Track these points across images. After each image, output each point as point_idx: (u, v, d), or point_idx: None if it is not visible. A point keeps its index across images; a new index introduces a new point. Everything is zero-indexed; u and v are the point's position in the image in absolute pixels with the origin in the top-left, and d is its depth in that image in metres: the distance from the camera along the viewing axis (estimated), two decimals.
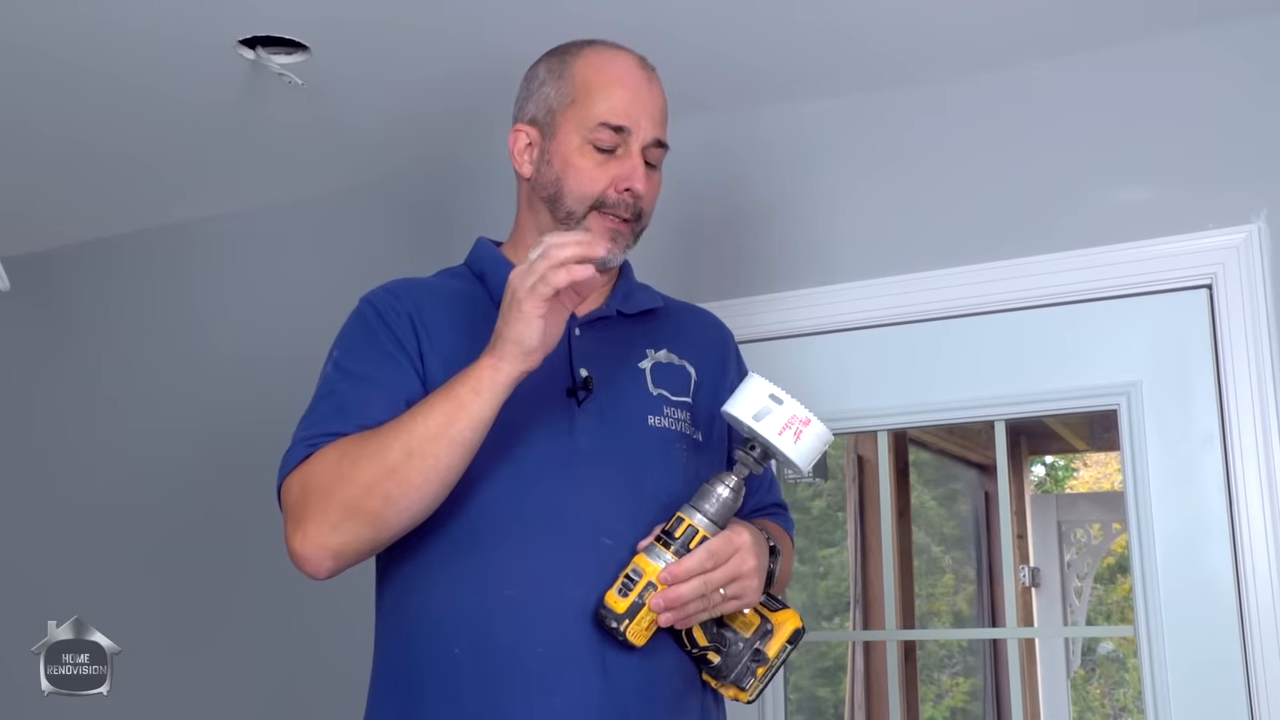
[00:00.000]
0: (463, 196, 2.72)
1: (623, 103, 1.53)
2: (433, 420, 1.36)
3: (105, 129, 2.58)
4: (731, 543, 1.38)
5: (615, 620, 1.36)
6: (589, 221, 1.53)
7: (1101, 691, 7.14)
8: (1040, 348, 2.24)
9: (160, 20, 2.13)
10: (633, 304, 1.61)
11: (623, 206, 1.53)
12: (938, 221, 2.33)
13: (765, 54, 2.29)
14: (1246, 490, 2.05)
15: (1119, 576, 6.40)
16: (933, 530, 5.70)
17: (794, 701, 5.01)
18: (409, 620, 1.46)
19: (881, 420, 2.41)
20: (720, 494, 1.39)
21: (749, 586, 1.40)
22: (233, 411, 2.89)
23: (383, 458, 1.36)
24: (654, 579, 1.35)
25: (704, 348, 1.66)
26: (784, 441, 1.35)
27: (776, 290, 2.42)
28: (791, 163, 2.47)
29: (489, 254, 1.62)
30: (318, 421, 1.45)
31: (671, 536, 1.37)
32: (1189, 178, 2.15)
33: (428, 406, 1.38)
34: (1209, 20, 2.14)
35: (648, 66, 1.58)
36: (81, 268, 3.23)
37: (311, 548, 1.38)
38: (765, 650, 1.46)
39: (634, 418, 1.51)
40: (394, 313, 1.52)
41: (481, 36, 2.17)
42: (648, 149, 1.54)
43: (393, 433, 1.38)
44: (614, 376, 1.53)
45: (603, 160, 1.53)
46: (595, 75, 1.55)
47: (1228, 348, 2.09)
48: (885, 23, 2.17)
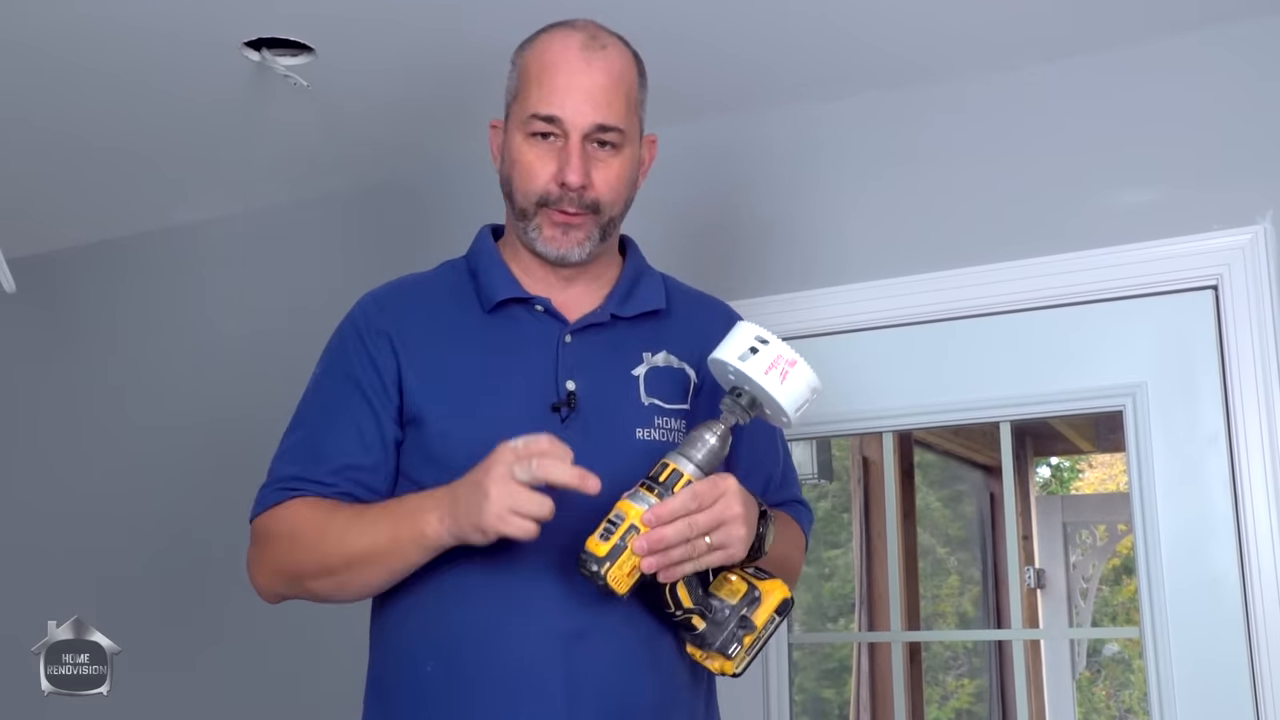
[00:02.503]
0: (465, 197, 2.71)
1: (556, 90, 1.45)
2: (375, 547, 1.38)
3: (110, 130, 2.58)
4: (717, 486, 1.33)
5: (596, 564, 1.30)
6: (539, 218, 1.48)
7: (1107, 693, 7.12)
8: (1046, 349, 2.24)
9: (165, 21, 2.13)
10: (630, 306, 1.55)
11: (566, 200, 1.46)
12: (943, 223, 2.33)
13: (771, 55, 2.29)
14: (1252, 491, 2.04)
15: (1124, 578, 6.38)
16: (938, 531, 5.69)
17: (799, 703, 5.00)
18: (391, 636, 1.47)
19: (887, 421, 2.41)
20: (707, 440, 1.34)
21: (735, 535, 1.34)
22: (235, 412, 2.90)
23: (324, 555, 1.41)
24: (636, 521, 1.30)
25: (709, 343, 1.59)
26: (770, 381, 1.31)
27: (781, 291, 2.42)
28: (798, 165, 2.47)
29: (485, 251, 1.57)
30: (292, 459, 1.49)
31: (656, 481, 1.32)
32: (1195, 179, 2.15)
33: (374, 528, 1.38)
34: (1215, 22, 2.14)
35: (593, 45, 1.47)
36: (86, 269, 3.24)
37: (260, 586, 1.50)
38: (752, 618, 1.41)
39: (621, 432, 1.46)
40: (372, 333, 1.49)
41: (485, 39, 2.17)
42: (593, 135, 1.45)
43: (339, 538, 1.40)
44: (604, 386, 1.48)
45: (542, 153, 1.46)
46: (534, 62, 1.49)
47: (1233, 348, 2.08)
48: (889, 26, 2.17)
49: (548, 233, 1.48)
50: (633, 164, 1.52)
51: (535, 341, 1.49)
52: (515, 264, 1.55)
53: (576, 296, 1.54)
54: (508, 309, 1.51)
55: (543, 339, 1.49)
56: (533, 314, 1.51)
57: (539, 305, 1.51)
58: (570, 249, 1.48)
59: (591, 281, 1.55)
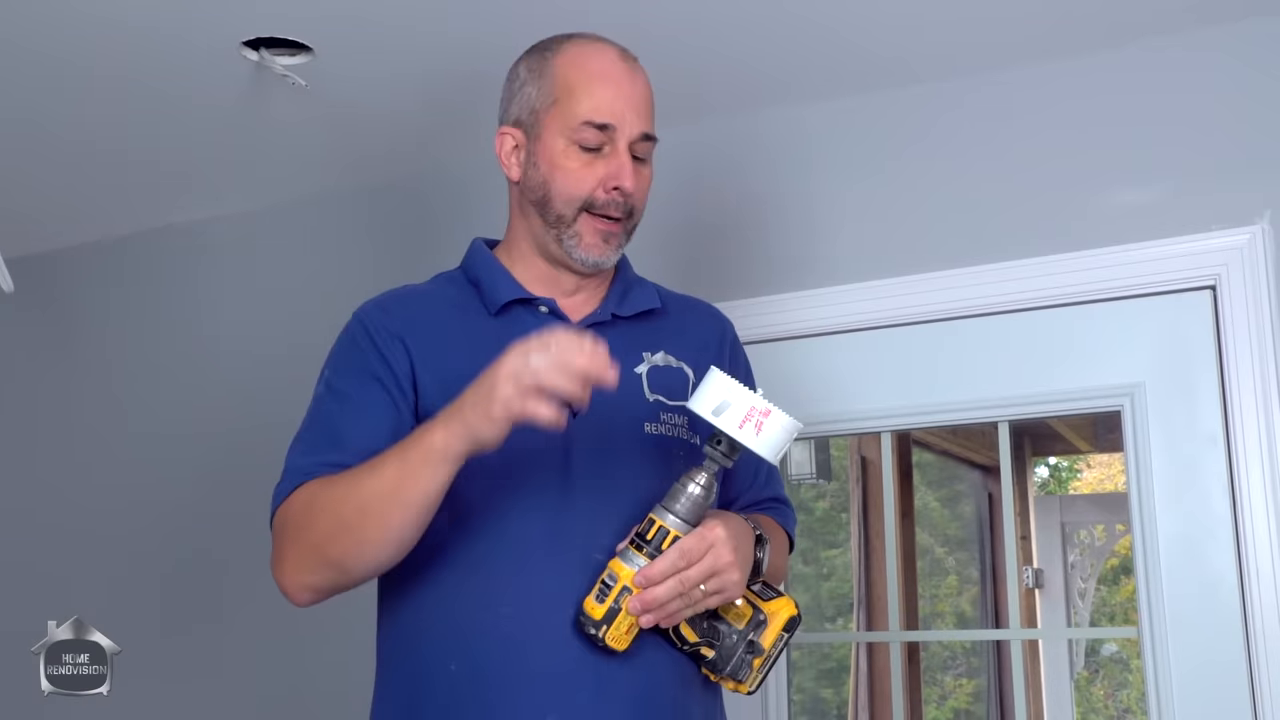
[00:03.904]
0: (465, 198, 2.72)
1: (606, 99, 1.48)
2: (385, 480, 1.34)
3: (107, 129, 2.58)
4: (705, 539, 1.35)
5: (594, 627, 1.34)
6: (579, 224, 1.50)
7: (1105, 693, 7.12)
8: (1044, 349, 2.24)
9: (163, 21, 2.13)
10: (629, 305, 1.58)
11: (613, 206, 1.49)
12: (941, 223, 2.33)
13: (763, 56, 2.28)
14: (1250, 491, 2.04)
15: (1122, 578, 6.38)
16: (936, 531, 5.70)
17: (797, 703, 5.00)
18: (407, 636, 1.46)
19: (885, 421, 2.41)
20: (691, 492, 1.36)
21: (729, 580, 1.37)
22: (235, 412, 2.90)
23: (339, 512, 1.37)
24: (629, 583, 1.34)
25: (701, 345, 1.62)
26: (745, 435, 1.32)
27: (779, 292, 2.42)
28: (793, 164, 2.47)
29: (484, 259, 1.58)
30: (308, 450, 1.45)
31: (644, 539, 1.35)
32: (1193, 179, 2.15)
33: (382, 464, 1.35)
34: (1214, 22, 2.14)
35: (629, 58, 1.53)
36: (85, 269, 3.23)
37: (289, 583, 1.42)
38: (760, 641, 1.45)
39: (630, 426, 1.49)
40: (384, 333, 1.49)
41: (485, 40, 2.17)
42: (635, 144, 1.50)
43: (350, 485, 1.37)
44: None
45: (589, 160, 1.49)
46: (576, 72, 1.50)
47: (1231, 349, 2.08)
48: (884, 24, 2.17)
49: (589, 240, 1.50)
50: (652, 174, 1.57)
51: None
52: (516, 270, 1.56)
53: (577, 301, 1.57)
54: (512, 311, 1.53)
55: None
56: (537, 316, 1.53)
57: (543, 306, 1.53)
58: (607, 255, 1.52)
59: (590, 287, 1.58)
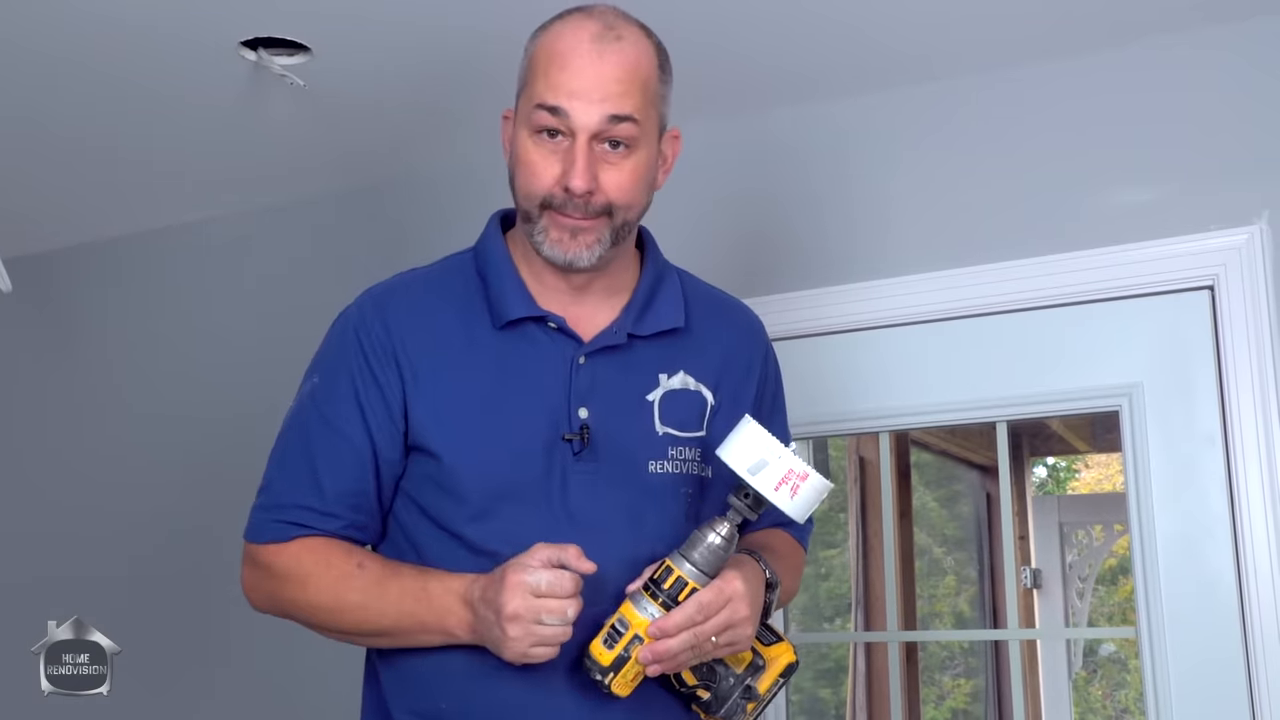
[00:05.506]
0: (464, 197, 2.71)
1: (561, 80, 1.33)
2: (398, 626, 1.36)
3: (106, 129, 2.58)
4: (723, 593, 1.30)
5: (600, 673, 1.31)
6: (544, 220, 1.38)
7: (1103, 693, 7.12)
8: (1042, 349, 2.24)
9: (162, 21, 2.13)
10: (648, 323, 1.46)
11: (571, 206, 1.35)
12: (939, 223, 2.33)
13: (774, 54, 2.28)
14: (1248, 491, 2.05)
15: (1121, 578, 6.39)
16: (934, 531, 5.69)
17: (795, 703, 5.00)
18: (397, 669, 1.42)
19: (883, 421, 2.41)
20: (711, 542, 1.31)
21: (741, 635, 1.34)
22: (232, 411, 2.89)
23: (337, 616, 1.40)
24: (641, 632, 1.29)
25: (726, 366, 1.51)
26: (780, 498, 1.29)
27: (777, 292, 2.42)
28: (794, 166, 2.47)
29: (495, 254, 1.47)
30: (291, 481, 1.43)
31: (659, 586, 1.30)
32: (1191, 179, 2.15)
33: (396, 607, 1.36)
34: (1212, 22, 2.14)
35: (608, 35, 1.35)
36: (83, 269, 3.23)
37: (254, 604, 1.49)
38: (756, 686, 1.42)
39: (634, 466, 1.41)
40: (379, 351, 1.41)
41: (485, 39, 2.17)
42: (607, 130, 1.34)
43: (357, 602, 1.38)
44: (617, 413, 1.42)
45: (547, 153, 1.35)
46: (542, 52, 1.37)
47: (1229, 349, 2.09)
48: (882, 26, 2.17)
49: (554, 235, 1.38)
50: (649, 163, 1.40)
51: (548, 363, 1.42)
52: (526, 269, 1.46)
53: (591, 310, 1.46)
54: (520, 326, 1.43)
55: (555, 361, 1.42)
56: (546, 332, 1.43)
57: (552, 323, 1.43)
58: (578, 253, 1.38)
59: (606, 292, 1.47)
